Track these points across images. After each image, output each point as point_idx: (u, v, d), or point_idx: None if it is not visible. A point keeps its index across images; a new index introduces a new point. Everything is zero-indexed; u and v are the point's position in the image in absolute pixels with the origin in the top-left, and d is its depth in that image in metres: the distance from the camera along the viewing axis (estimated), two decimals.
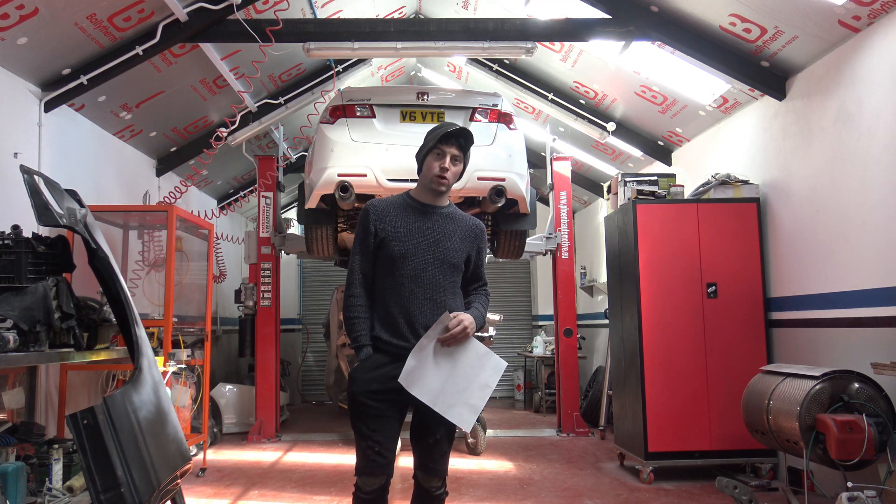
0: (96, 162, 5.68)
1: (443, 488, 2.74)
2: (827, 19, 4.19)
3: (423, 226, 2.71)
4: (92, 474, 2.68)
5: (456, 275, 2.76)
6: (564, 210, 7.51)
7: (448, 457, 2.72)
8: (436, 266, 2.68)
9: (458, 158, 2.71)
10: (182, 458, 3.26)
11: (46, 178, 3.32)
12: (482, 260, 2.88)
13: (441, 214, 2.76)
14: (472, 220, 2.85)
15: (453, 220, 2.78)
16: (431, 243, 2.69)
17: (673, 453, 5.06)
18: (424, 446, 2.70)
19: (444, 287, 2.69)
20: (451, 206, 2.85)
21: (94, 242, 3.33)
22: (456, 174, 2.73)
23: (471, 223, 2.83)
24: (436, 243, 2.70)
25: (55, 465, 3.54)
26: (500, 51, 5.58)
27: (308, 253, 6.42)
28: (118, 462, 2.71)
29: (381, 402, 2.63)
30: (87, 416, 2.74)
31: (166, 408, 3.30)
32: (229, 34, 5.28)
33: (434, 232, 2.71)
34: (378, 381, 2.62)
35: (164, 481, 2.97)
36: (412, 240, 2.68)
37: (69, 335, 3.38)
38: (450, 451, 2.72)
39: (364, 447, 2.64)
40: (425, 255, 2.67)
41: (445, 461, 2.72)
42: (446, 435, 2.70)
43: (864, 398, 3.71)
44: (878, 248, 4.03)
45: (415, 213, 2.75)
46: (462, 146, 2.70)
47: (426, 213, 2.75)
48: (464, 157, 2.73)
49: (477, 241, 2.83)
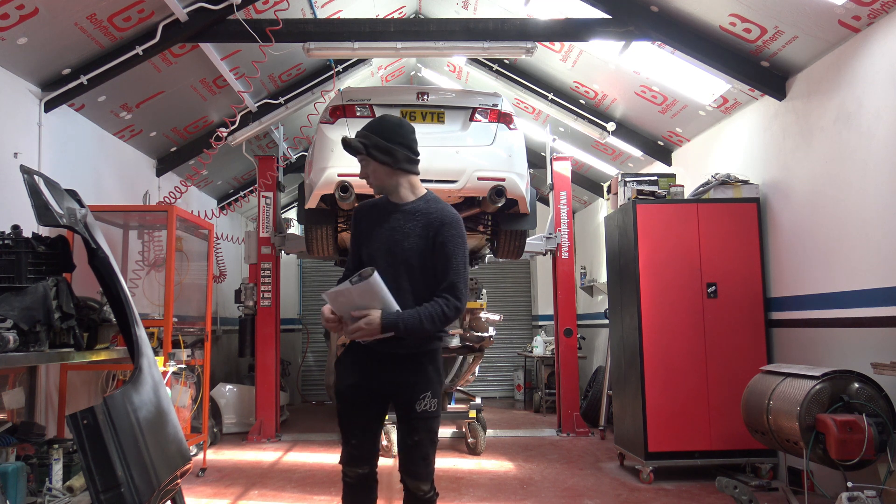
0: (96, 162, 5.68)
1: (431, 492, 2.67)
2: (827, 19, 4.19)
3: (387, 227, 2.67)
4: (92, 474, 2.68)
5: (417, 276, 2.61)
6: (564, 210, 7.51)
7: (430, 460, 2.64)
8: (394, 268, 2.61)
9: (365, 161, 2.70)
10: (182, 458, 3.26)
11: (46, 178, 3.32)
12: (446, 256, 2.58)
13: (403, 212, 2.67)
14: (436, 212, 2.64)
15: (415, 216, 2.64)
16: (391, 244, 2.64)
17: (673, 453, 5.06)
18: (405, 448, 2.67)
19: (405, 290, 2.59)
20: (420, 199, 2.69)
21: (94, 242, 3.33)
22: (373, 172, 2.69)
23: (433, 216, 2.63)
24: (394, 244, 2.63)
25: (55, 465, 3.54)
26: (500, 51, 5.57)
27: (308, 253, 6.42)
28: (118, 462, 2.71)
29: (358, 396, 2.68)
30: (87, 416, 2.74)
31: (166, 408, 3.30)
32: (229, 34, 5.27)
33: (395, 232, 2.65)
34: (355, 375, 2.68)
35: (164, 481, 2.97)
36: (376, 242, 2.67)
37: (69, 335, 3.38)
38: (433, 453, 2.64)
39: (344, 440, 2.71)
40: (385, 258, 2.63)
41: (428, 464, 2.64)
42: (427, 437, 2.63)
43: (864, 398, 3.71)
44: (878, 247, 4.03)
45: (381, 214, 2.71)
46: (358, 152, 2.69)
47: (390, 213, 2.69)
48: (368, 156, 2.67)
49: (436, 234, 2.59)
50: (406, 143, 2.68)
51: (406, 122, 2.75)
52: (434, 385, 2.64)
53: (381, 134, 2.66)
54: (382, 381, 2.66)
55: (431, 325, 2.51)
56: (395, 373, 2.63)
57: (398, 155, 2.64)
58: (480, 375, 9.92)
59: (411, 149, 2.69)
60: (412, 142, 2.71)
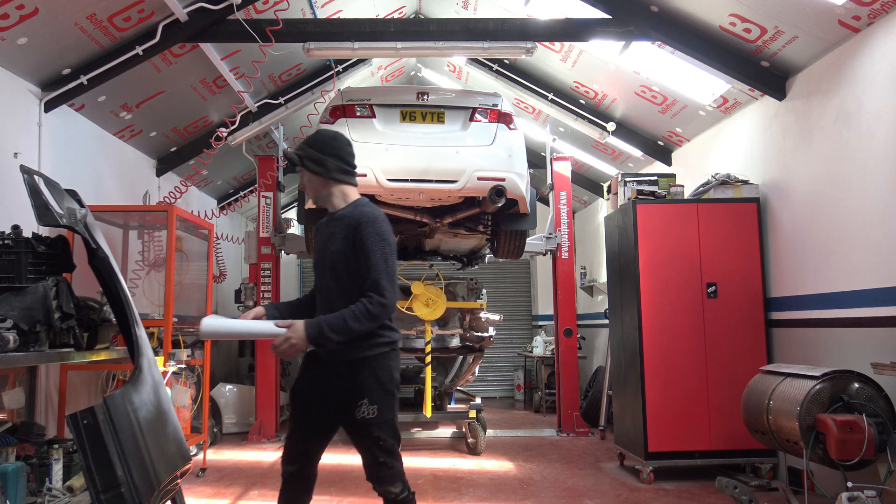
0: (96, 162, 5.68)
1: (403, 493, 2.70)
2: (827, 19, 4.19)
3: (324, 236, 2.82)
4: (92, 474, 2.68)
5: (344, 278, 2.68)
6: (564, 210, 7.51)
7: (388, 463, 2.67)
8: (327, 274, 2.73)
9: (301, 171, 2.86)
10: (182, 458, 3.26)
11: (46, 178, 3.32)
12: (365, 254, 2.63)
13: (335, 219, 2.79)
14: (357, 214, 2.72)
15: (342, 221, 2.74)
16: (324, 252, 2.77)
17: (673, 453, 5.06)
18: (361, 455, 2.74)
19: (338, 294, 2.68)
20: (350, 206, 2.78)
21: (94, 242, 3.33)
22: (308, 182, 2.84)
23: (353, 218, 2.71)
24: (325, 251, 2.76)
25: (55, 465, 3.54)
26: (500, 51, 5.57)
27: (308, 253, 6.43)
28: (118, 462, 2.71)
29: (301, 399, 2.82)
30: (87, 416, 2.74)
31: (166, 408, 3.30)
32: (229, 34, 5.28)
33: (327, 240, 2.77)
34: (303, 380, 2.83)
35: (164, 481, 2.97)
36: (316, 252, 2.85)
37: (69, 335, 3.38)
38: (389, 457, 2.68)
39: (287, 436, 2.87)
40: (321, 265, 2.78)
41: (384, 468, 2.67)
42: (373, 444, 2.66)
43: (864, 398, 3.71)
44: (878, 247, 4.03)
45: (324, 225, 2.86)
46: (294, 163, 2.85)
47: (328, 222, 2.84)
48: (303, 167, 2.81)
49: (355, 234, 2.66)
50: (338, 154, 2.80)
51: (341, 136, 2.89)
52: (371, 391, 2.66)
53: (314, 146, 2.80)
54: (323, 388, 2.75)
55: (356, 323, 2.55)
56: (333, 380, 2.71)
57: (329, 165, 2.77)
58: (480, 375, 9.92)
59: (344, 160, 2.82)
60: (346, 154, 2.83)
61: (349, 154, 2.84)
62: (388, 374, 2.70)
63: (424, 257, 7.22)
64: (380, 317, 2.59)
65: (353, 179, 2.85)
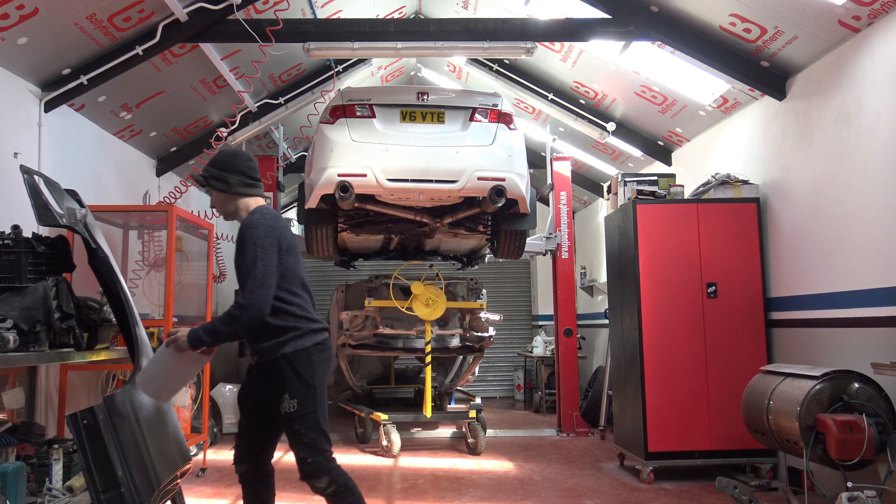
0: (96, 162, 5.68)
1: (330, 487, 2.80)
2: (827, 19, 4.19)
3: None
4: (92, 474, 2.68)
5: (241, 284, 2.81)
6: (564, 210, 7.51)
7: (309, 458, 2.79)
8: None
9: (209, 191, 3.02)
10: (182, 458, 3.27)
11: (46, 178, 3.32)
12: (242, 262, 2.79)
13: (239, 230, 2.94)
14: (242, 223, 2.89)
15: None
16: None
17: (673, 453, 5.06)
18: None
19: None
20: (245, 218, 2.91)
21: (94, 242, 3.33)
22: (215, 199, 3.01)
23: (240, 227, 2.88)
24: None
25: (55, 465, 3.54)
26: (500, 51, 5.57)
27: (308, 253, 6.42)
28: (118, 462, 2.71)
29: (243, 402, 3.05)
30: (87, 416, 2.75)
31: (166, 408, 3.30)
32: (229, 34, 5.27)
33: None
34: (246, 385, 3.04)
35: (164, 481, 2.98)
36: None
37: (69, 335, 3.38)
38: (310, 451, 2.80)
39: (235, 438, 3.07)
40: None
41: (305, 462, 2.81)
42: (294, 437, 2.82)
43: (864, 398, 3.71)
44: (878, 247, 4.03)
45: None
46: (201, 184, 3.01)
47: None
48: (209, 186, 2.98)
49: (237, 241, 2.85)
50: (239, 169, 2.94)
51: (241, 151, 3.08)
52: (293, 386, 2.79)
53: (216, 165, 2.96)
54: (258, 388, 2.94)
55: (224, 325, 2.71)
56: (264, 379, 2.89)
57: (232, 181, 2.92)
58: (480, 375, 9.92)
59: (246, 174, 2.95)
60: (247, 168, 2.97)
61: (250, 168, 2.98)
62: (310, 369, 2.82)
63: (424, 257, 7.22)
64: (239, 318, 2.69)
65: (256, 191, 2.99)
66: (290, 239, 2.91)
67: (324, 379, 2.89)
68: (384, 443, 6.24)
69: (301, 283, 2.92)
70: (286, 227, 2.95)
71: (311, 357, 2.84)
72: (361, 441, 6.81)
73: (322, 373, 2.87)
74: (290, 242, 2.90)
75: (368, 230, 6.13)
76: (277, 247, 2.79)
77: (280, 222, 2.92)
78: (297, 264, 2.93)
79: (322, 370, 2.87)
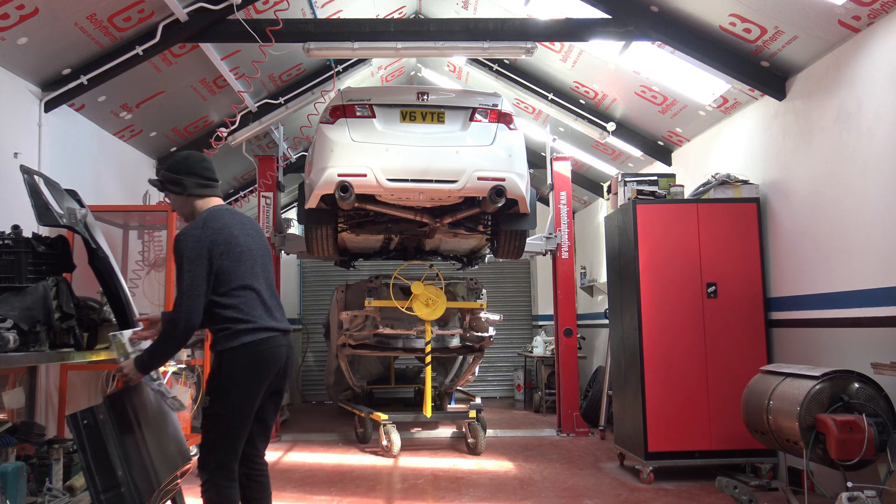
0: (96, 162, 5.68)
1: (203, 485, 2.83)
2: (827, 19, 4.19)
3: None
4: (92, 474, 2.68)
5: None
6: (564, 210, 7.51)
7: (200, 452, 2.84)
8: None
9: (166, 195, 3.09)
10: (182, 458, 3.27)
11: (46, 178, 3.33)
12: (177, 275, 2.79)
13: None
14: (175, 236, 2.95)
15: None
16: None
17: (673, 453, 5.06)
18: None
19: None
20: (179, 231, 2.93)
21: (94, 242, 3.34)
22: (173, 202, 3.06)
23: None
24: None
25: (55, 465, 3.54)
26: (500, 51, 5.57)
27: (308, 253, 6.43)
28: (118, 462, 2.72)
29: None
30: (87, 416, 2.75)
31: (166, 408, 3.30)
32: (229, 34, 5.28)
33: None
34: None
35: (164, 481, 2.98)
36: None
37: (69, 335, 3.39)
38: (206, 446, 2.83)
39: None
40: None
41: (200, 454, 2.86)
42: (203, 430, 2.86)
43: (864, 398, 3.71)
44: (878, 247, 4.03)
45: None
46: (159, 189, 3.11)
47: None
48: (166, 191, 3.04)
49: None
50: (193, 171, 2.96)
51: (194, 153, 3.09)
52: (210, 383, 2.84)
53: (171, 168, 2.98)
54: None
55: (162, 343, 2.79)
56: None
57: (186, 183, 2.94)
58: (480, 375, 9.92)
59: (200, 175, 2.97)
60: (201, 169, 2.99)
61: (204, 169, 3.00)
62: (230, 371, 2.79)
63: (424, 257, 7.22)
64: (173, 333, 2.74)
65: (212, 191, 3.01)
66: (228, 240, 2.84)
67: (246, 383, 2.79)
68: (384, 443, 6.24)
69: (242, 284, 2.84)
70: (226, 228, 2.87)
71: (236, 358, 2.78)
72: (361, 441, 6.81)
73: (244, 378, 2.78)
74: (227, 245, 2.83)
75: (368, 230, 6.14)
76: (208, 254, 2.76)
77: (216, 224, 2.85)
78: (237, 264, 2.84)
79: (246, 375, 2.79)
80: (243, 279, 2.85)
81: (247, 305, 2.84)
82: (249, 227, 3.01)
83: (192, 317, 2.71)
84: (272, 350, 2.86)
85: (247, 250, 2.91)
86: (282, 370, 2.94)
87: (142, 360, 2.79)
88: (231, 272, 2.82)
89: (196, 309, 2.72)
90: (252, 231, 3.01)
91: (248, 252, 2.91)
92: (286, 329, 2.98)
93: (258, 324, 2.84)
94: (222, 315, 2.80)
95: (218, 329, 2.82)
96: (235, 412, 2.80)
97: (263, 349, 2.83)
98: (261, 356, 2.83)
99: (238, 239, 2.89)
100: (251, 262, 2.91)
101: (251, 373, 2.81)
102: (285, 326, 2.98)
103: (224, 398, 2.79)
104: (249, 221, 3.07)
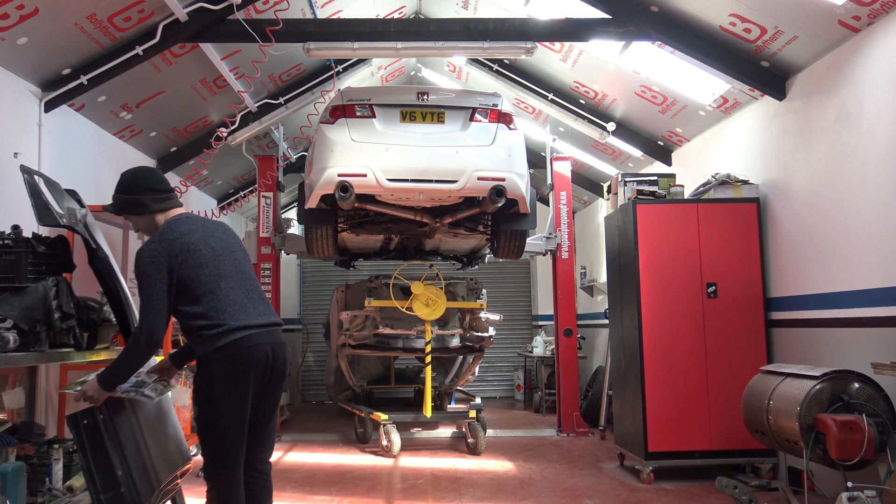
0: (96, 162, 5.68)
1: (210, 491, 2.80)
2: (827, 19, 4.20)
3: None
4: (92, 474, 2.68)
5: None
6: (564, 210, 7.51)
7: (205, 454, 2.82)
8: None
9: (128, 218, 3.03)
10: (182, 458, 3.27)
11: (46, 178, 3.33)
12: (139, 291, 2.72)
13: None
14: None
15: None
16: None
17: (673, 453, 5.06)
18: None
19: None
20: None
21: (94, 242, 3.34)
22: (135, 223, 3.00)
23: None
24: None
25: (55, 465, 3.54)
26: (500, 51, 5.58)
27: (308, 253, 6.43)
28: (118, 462, 2.72)
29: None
30: (87, 416, 2.75)
31: (166, 408, 3.31)
32: (229, 34, 5.28)
33: None
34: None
35: (164, 481, 2.98)
36: None
37: (69, 335, 3.38)
38: (204, 451, 2.81)
39: None
40: None
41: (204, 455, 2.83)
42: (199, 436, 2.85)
43: (864, 398, 3.71)
44: (878, 247, 4.03)
45: None
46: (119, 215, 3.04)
47: None
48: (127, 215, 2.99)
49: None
50: (148, 187, 2.91)
51: (143, 169, 3.01)
52: (195, 392, 2.81)
53: (124, 190, 2.92)
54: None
55: (124, 358, 2.73)
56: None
57: (145, 201, 2.89)
58: (480, 375, 9.92)
59: (155, 189, 2.92)
60: (155, 182, 2.94)
61: (158, 182, 2.95)
62: (208, 375, 2.74)
63: (424, 257, 7.23)
64: (135, 347, 2.70)
65: (171, 202, 2.95)
66: (186, 248, 2.77)
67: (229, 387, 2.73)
68: (384, 443, 6.24)
69: (207, 289, 2.76)
70: (183, 236, 2.79)
71: (213, 364, 2.73)
72: (361, 441, 6.81)
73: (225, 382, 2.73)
74: (185, 253, 2.75)
75: (368, 230, 6.14)
76: (166, 266, 2.70)
77: (172, 234, 2.78)
78: (198, 270, 2.76)
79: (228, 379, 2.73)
80: (207, 284, 2.77)
81: (214, 310, 2.75)
82: (212, 229, 2.94)
83: (154, 332, 2.66)
84: (250, 350, 2.76)
85: (209, 253, 2.81)
86: (268, 367, 2.83)
87: (104, 377, 2.73)
88: (193, 279, 2.75)
89: (156, 324, 2.67)
90: (216, 232, 2.94)
91: (211, 254, 2.82)
92: (267, 322, 2.86)
93: (229, 325, 2.74)
94: (193, 325, 2.75)
95: (192, 338, 2.77)
96: (225, 418, 2.74)
97: (240, 349, 2.74)
98: (239, 357, 2.74)
99: (196, 245, 2.79)
100: (215, 263, 2.82)
101: (232, 376, 2.73)
102: (266, 320, 2.87)
103: (210, 406, 2.74)
104: (212, 223, 3.00)
